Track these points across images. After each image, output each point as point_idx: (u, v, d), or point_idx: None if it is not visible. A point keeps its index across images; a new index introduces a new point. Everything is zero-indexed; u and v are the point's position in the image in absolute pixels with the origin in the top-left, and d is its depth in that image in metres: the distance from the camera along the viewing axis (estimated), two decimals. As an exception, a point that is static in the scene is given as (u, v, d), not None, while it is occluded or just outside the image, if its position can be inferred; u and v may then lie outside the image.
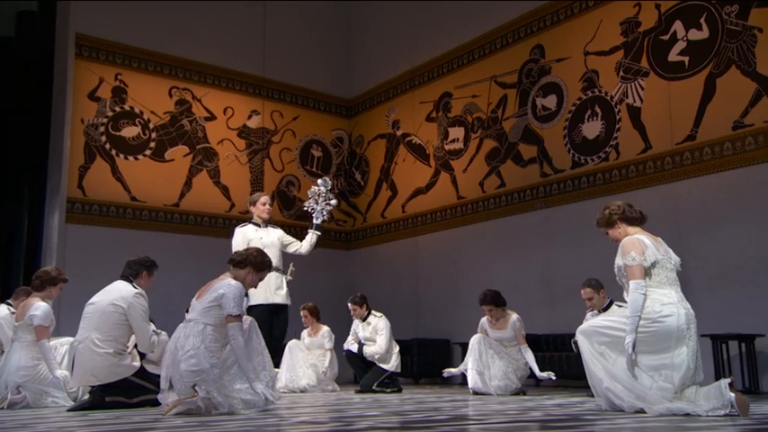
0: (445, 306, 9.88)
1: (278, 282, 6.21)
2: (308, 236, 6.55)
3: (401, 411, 3.89)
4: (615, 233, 4.11)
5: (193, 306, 4.18)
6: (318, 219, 6.54)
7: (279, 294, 6.15)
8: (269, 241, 6.21)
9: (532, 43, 9.47)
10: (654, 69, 8.08)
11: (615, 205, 4.15)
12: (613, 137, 8.38)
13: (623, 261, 3.83)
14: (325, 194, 6.52)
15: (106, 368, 4.34)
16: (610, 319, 3.87)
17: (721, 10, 7.53)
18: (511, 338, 6.35)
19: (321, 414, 3.77)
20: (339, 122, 12.46)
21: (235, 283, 4.16)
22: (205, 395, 3.80)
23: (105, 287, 4.68)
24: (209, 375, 3.86)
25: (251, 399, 3.93)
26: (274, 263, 5.89)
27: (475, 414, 3.67)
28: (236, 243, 6.10)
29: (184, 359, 3.91)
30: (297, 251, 6.48)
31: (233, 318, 4.04)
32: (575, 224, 8.60)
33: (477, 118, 10.10)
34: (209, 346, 3.97)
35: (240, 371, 3.97)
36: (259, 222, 6.40)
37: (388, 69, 11.65)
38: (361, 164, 12.20)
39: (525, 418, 3.47)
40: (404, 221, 11.07)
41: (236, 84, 11.47)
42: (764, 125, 7.09)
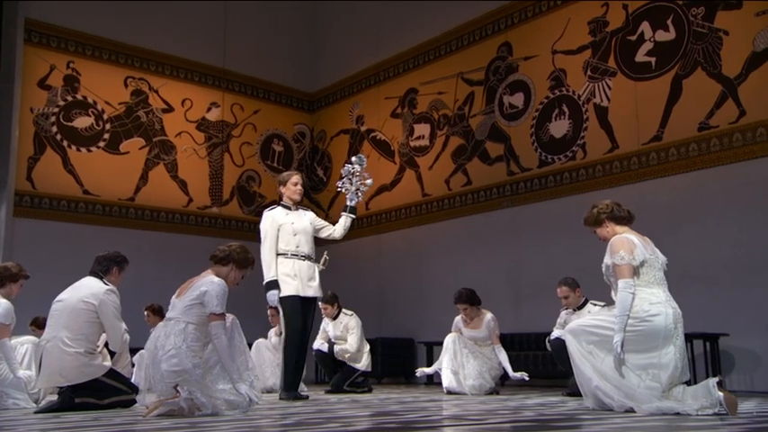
0: (410, 305, 9.90)
1: (310, 272, 5.59)
2: (342, 219, 5.91)
3: (390, 411, 3.88)
4: (603, 232, 4.17)
5: (174, 304, 4.09)
6: (353, 200, 5.90)
7: (311, 286, 5.56)
8: (301, 226, 5.66)
9: (500, 41, 9.56)
10: (621, 69, 8.24)
11: (603, 204, 4.21)
12: (580, 136, 8.52)
13: (612, 260, 3.88)
14: (360, 173, 5.89)
15: (76, 368, 4.21)
16: (598, 318, 3.92)
17: (688, 12, 7.73)
18: (485, 338, 6.39)
19: (311, 415, 3.72)
20: (301, 117, 12.37)
21: (218, 280, 4.09)
22: (187, 396, 3.73)
23: (74, 283, 4.54)
24: (191, 375, 3.79)
25: (234, 399, 3.87)
26: (306, 250, 5.60)
27: (468, 414, 3.67)
28: (264, 228, 5.60)
29: (165, 359, 3.83)
30: (330, 236, 5.88)
31: (216, 316, 3.96)
32: (542, 223, 8.72)
33: (443, 115, 10.15)
34: (190, 345, 3.89)
35: (223, 371, 3.91)
36: (289, 205, 5.76)
37: (353, 63, 11.61)
38: (323, 159, 12.14)
39: (521, 417, 3.49)
40: (367, 219, 11.05)
41: (194, 75, 11.28)
42: (729, 127, 7.29)
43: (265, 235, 5.58)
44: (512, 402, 4.79)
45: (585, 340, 3.81)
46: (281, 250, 5.54)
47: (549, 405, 4.43)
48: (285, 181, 5.82)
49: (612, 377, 3.66)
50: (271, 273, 5.46)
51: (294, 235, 5.56)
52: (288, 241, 5.55)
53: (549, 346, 6.00)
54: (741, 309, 6.90)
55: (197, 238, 10.78)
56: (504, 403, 4.68)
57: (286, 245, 5.53)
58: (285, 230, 5.56)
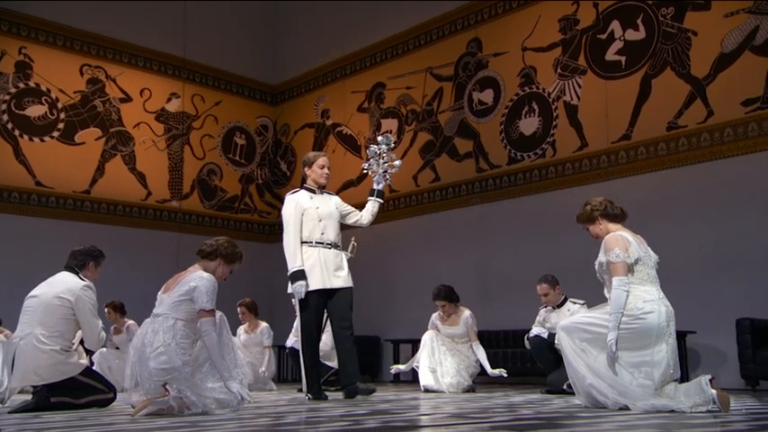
0: (376, 302, 9.87)
1: (337, 261, 5.18)
2: (369, 204, 5.51)
3: (384, 410, 3.86)
4: (596, 229, 4.22)
5: (161, 300, 4.01)
6: (380, 183, 5.51)
7: (338, 276, 5.13)
8: (326, 211, 5.23)
9: (469, 36, 9.61)
10: (591, 68, 8.37)
11: (596, 201, 4.26)
12: (550, 134, 8.63)
13: (607, 258, 3.93)
14: (387, 154, 5.51)
15: (51, 366, 4.09)
16: (591, 316, 3.97)
17: (657, 12, 7.89)
18: (462, 335, 6.42)
19: (310, 414, 3.68)
20: (264, 109, 12.23)
21: (207, 275, 4.02)
22: (177, 394, 3.66)
23: (48, 278, 4.40)
24: (180, 373, 3.72)
25: (224, 398, 3.81)
26: (332, 237, 5.19)
27: (467, 412, 3.68)
28: (287, 214, 5.16)
29: (153, 356, 3.75)
30: (357, 222, 5.48)
31: (206, 312, 3.89)
32: (511, 220, 8.81)
33: (411, 110, 10.16)
34: (179, 342, 3.82)
35: (212, 369, 3.85)
36: (314, 188, 5.32)
37: (318, 56, 11.52)
38: (286, 153, 12.03)
39: (522, 416, 3.50)
40: (333, 214, 10.98)
41: (154, 64, 11.04)
42: (697, 127, 7.48)
43: (288, 221, 5.13)
44: (498, 400, 4.82)
45: (579, 338, 3.86)
46: (304, 238, 5.10)
47: (537, 403, 4.47)
48: (311, 162, 5.36)
49: (606, 375, 3.72)
50: (296, 262, 5.02)
51: (319, 221, 5.16)
52: (312, 228, 5.13)
53: (528, 343, 6.06)
54: (708, 306, 7.09)
55: (156, 233, 10.58)
56: (491, 401, 4.71)
57: (310, 232, 5.12)
58: (309, 216, 5.13)
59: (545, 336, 5.93)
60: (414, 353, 9.13)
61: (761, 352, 6.24)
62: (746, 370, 6.36)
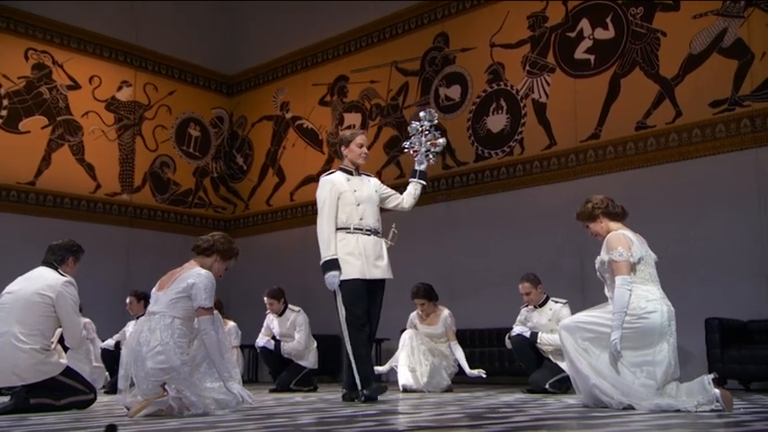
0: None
1: (377, 249, 4.77)
2: (410, 187, 5.13)
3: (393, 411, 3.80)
4: (597, 227, 4.22)
5: (157, 297, 3.90)
6: (422, 164, 5.12)
7: (379, 266, 4.73)
8: (365, 194, 4.84)
9: (436, 31, 9.58)
10: (560, 66, 8.44)
11: (598, 199, 4.26)
12: (518, 131, 8.67)
13: (609, 256, 3.94)
14: (430, 131, 5.09)
15: (31, 366, 3.91)
16: (593, 315, 3.97)
17: (627, 11, 8.01)
18: (441, 334, 6.39)
19: (307, 415, 3.59)
20: (220, 100, 11.95)
21: (205, 272, 3.91)
22: (176, 395, 3.57)
23: (25, 274, 4.16)
24: (179, 373, 3.62)
25: (223, 398, 3.74)
26: (372, 223, 4.79)
27: (481, 413, 3.64)
28: (322, 196, 4.79)
29: (151, 356, 3.64)
30: (398, 206, 5.08)
31: (205, 310, 3.80)
32: (477, 218, 8.81)
33: (375, 105, 10.08)
34: (177, 341, 3.72)
35: (210, 368, 3.78)
36: (351, 169, 4.94)
37: (277, 46, 11.31)
38: (243, 146, 11.79)
39: (538, 415, 3.48)
40: (292, 210, 10.83)
41: (104, 50, 10.66)
42: (666, 127, 7.62)
43: (323, 204, 4.76)
44: (491, 400, 4.80)
45: (581, 337, 3.86)
46: (341, 224, 4.73)
47: (534, 403, 4.46)
48: (348, 141, 4.95)
49: (609, 374, 3.72)
50: (330, 250, 4.66)
51: (357, 205, 4.77)
52: (350, 213, 4.75)
53: (510, 342, 6.06)
54: (676, 306, 7.15)
55: (105, 228, 10.21)
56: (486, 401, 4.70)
57: (348, 217, 4.73)
58: (346, 200, 4.74)
59: (527, 335, 5.94)
60: (377, 352, 9.08)
61: (728, 351, 6.38)
62: (715, 369, 6.49)
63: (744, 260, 6.90)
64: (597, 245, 7.70)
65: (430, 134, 5.13)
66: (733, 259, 6.96)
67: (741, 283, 6.86)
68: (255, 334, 7.35)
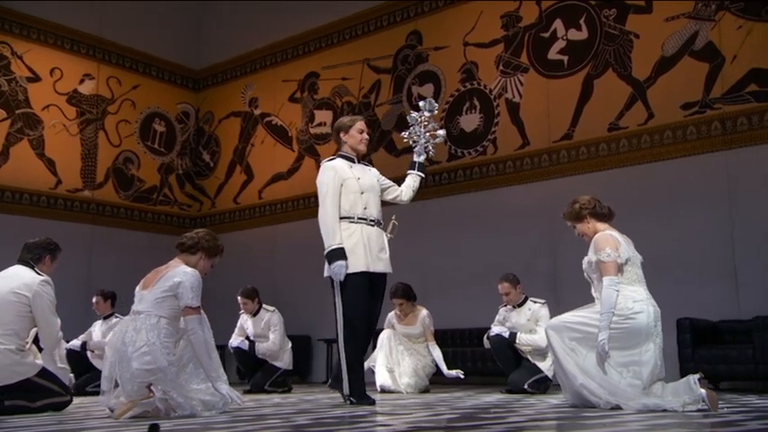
0: (307, 300, 9.68)
1: (380, 241, 4.63)
2: (408, 179, 4.96)
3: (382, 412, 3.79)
4: (584, 228, 4.26)
5: (142, 296, 3.84)
6: (421, 156, 4.98)
7: (381, 259, 4.59)
8: (368, 183, 4.66)
9: (409, 28, 9.59)
10: (534, 66, 8.53)
11: (585, 200, 4.30)
12: (491, 131, 8.73)
13: (597, 257, 3.98)
14: (429, 122, 4.96)
15: (6, 367, 3.82)
16: (580, 315, 4.02)
17: (600, 13, 8.12)
18: (419, 334, 6.39)
19: (300, 417, 3.56)
20: (186, 95, 11.78)
21: (191, 270, 3.86)
22: (162, 396, 3.51)
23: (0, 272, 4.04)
24: (166, 374, 3.58)
25: (210, 399, 3.70)
26: (375, 213, 4.64)
27: (474, 413, 3.64)
28: (324, 183, 4.59)
29: (136, 356, 3.59)
30: (397, 199, 4.91)
31: (192, 309, 3.77)
32: (450, 218, 8.84)
33: (347, 102, 10.05)
34: (164, 341, 3.67)
35: (197, 369, 3.73)
36: (353, 157, 4.76)
37: (246, 41, 11.20)
38: (210, 143, 11.64)
39: (526, 416, 3.49)
40: (260, 208, 10.74)
41: (65, 42, 10.42)
42: (638, 128, 7.74)
43: (326, 191, 4.57)
44: (474, 400, 4.82)
45: (568, 337, 3.90)
46: (344, 212, 4.56)
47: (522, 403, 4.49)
48: (347, 126, 4.79)
49: (596, 374, 3.77)
50: (336, 239, 4.50)
51: (361, 193, 4.59)
52: (353, 201, 4.57)
53: (488, 342, 6.09)
54: (648, 305, 7.35)
55: (66, 225, 9.98)
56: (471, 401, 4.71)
57: (351, 206, 4.56)
58: (349, 188, 4.57)
59: (506, 335, 5.98)
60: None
61: (699, 351, 6.51)
62: (686, 369, 6.62)
63: (714, 261, 7.05)
64: (570, 245, 7.83)
65: (429, 125, 5.01)
66: (704, 260, 7.11)
67: (711, 283, 7.01)
68: (222, 334, 7.26)
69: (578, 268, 7.57)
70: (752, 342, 6.26)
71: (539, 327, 5.89)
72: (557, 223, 7.99)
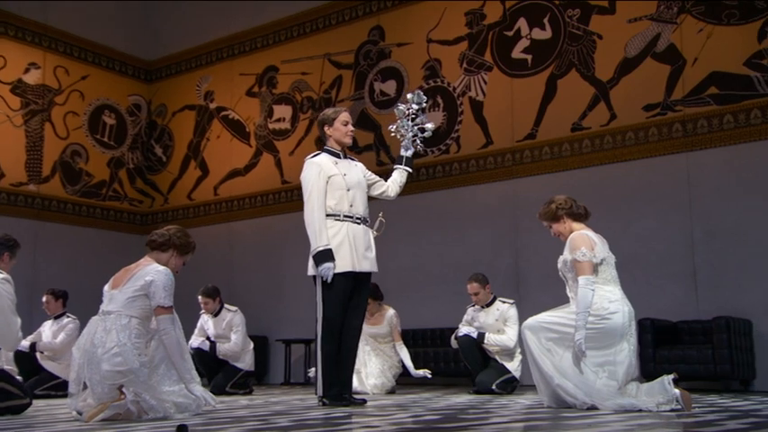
0: (264, 300, 9.65)
1: (366, 239, 4.58)
2: (395, 174, 4.89)
3: (360, 413, 3.80)
4: (560, 227, 4.34)
5: (112, 296, 3.78)
6: (408, 150, 4.90)
7: (367, 258, 4.56)
8: (355, 179, 4.61)
9: (371, 24, 9.61)
10: (497, 64, 8.64)
11: (561, 199, 4.38)
12: (455, 129, 8.82)
13: (573, 256, 4.06)
14: (417, 115, 4.91)
15: None
16: (557, 315, 4.09)
17: (564, 12, 8.28)
18: (386, 334, 6.42)
19: (278, 418, 3.55)
20: (137, 87, 11.57)
21: (163, 269, 3.81)
22: (134, 398, 3.47)
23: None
24: (138, 376, 3.53)
25: (183, 401, 3.66)
26: (362, 210, 4.59)
27: (454, 413, 3.68)
28: (309, 180, 4.51)
29: (107, 358, 3.53)
30: (383, 194, 4.84)
31: (164, 309, 3.72)
32: (412, 216, 8.89)
33: (307, 97, 10.02)
34: (135, 342, 3.62)
35: (169, 370, 3.68)
36: (338, 151, 4.70)
37: (202, 32, 11.06)
38: (163, 137, 11.47)
39: (507, 417, 3.55)
40: (216, 205, 10.63)
41: (9, 28, 10.13)
42: (600, 129, 7.92)
43: (311, 189, 4.49)
44: (445, 401, 4.87)
45: (545, 337, 3.97)
46: (330, 210, 4.50)
47: (489, 403, 4.55)
48: (331, 119, 4.71)
49: (572, 375, 3.86)
50: (323, 240, 4.41)
51: (347, 190, 4.54)
52: (339, 198, 4.52)
53: (456, 342, 6.16)
54: (610, 305, 7.53)
55: (9, 220, 9.69)
56: (438, 402, 4.74)
57: (337, 203, 4.50)
58: (335, 184, 4.52)
59: (474, 335, 6.06)
60: (307, 353, 9.05)
61: (660, 351, 6.71)
62: (647, 369, 6.81)
63: (674, 262, 7.27)
64: (531, 244, 7.99)
65: (418, 118, 4.96)
66: (664, 261, 7.31)
67: (671, 284, 7.22)
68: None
69: (540, 267, 7.79)
70: (711, 342, 6.48)
71: (507, 327, 5.99)
72: (519, 223, 8.20)
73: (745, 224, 6.97)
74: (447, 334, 7.99)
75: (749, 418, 3.38)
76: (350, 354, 4.59)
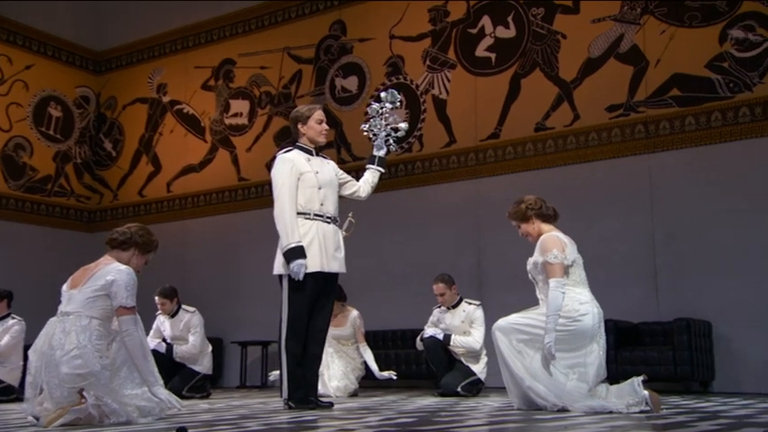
0: (219, 301, 9.56)
1: (336, 239, 4.62)
2: (367, 174, 4.92)
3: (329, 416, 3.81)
4: (528, 228, 4.41)
5: (70, 296, 3.72)
6: (381, 149, 4.92)
7: (337, 258, 4.59)
8: (327, 178, 4.63)
9: (332, 18, 9.61)
10: (461, 62, 8.73)
11: (531, 200, 4.45)
12: (418, 128, 8.87)
13: (544, 258, 4.14)
14: (391, 114, 4.93)
15: None
16: (528, 316, 4.17)
17: (528, 11, 8.40)
18: (349, 336, 6.44)
19: (248, 422, 3.55)
20: (85, 78, 11.36)
21: (125, 268, 3.77)
22: (95, 402, 3.43)
23: None
24: (99, 379, 3.49)
25: (146, 405, 3.63)
26: (332, 210, 4.63)
27: (427, 416, 3.71)
28: (281, 176, 4.51)
29: (66, 360, 3.48)
30: (354, 195, 4.87)
31: (126, 310, 3.69)
32: (373, 216, 8.89)
33: (265, 92, 9.97)
34: (95, 343, 3.58)
35: (131, 373, 3.65)
36: (310, 149, 4.72)
37: (155, 22, 10.92)
38: (112, 130, 11.28)
39: (481, 420, 3.60)
40: (169, 202, 10.50)
41: (-51, 14, 9.86)
42: (564, 129, 8.07)
43: (282, 185, 4.50)
44: (413, 404, 4.91)
45: (516, 339, 4.04)
46: (300, 208, 4.51)
47: (457, 406, 4.60)
48: (306, 116, 4.73)
49: (542, 377, 3.94)
50: (294, 237, 4.40)
51: (319, 189, 4.56)
52: (310, 197, 4.54)
53: (422, 344, 6.20)
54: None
55: (-52, 217, 9.47)
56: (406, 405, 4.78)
57: (307, 201, 4.52)
58: (307, 182, 4.53)
59: (440, 337, 6.11)
60: (264, 355, 9.01)
61: (621, 352, 6.86)
62: (609, 370, 6.94)
63: (635, 263, 7.45)
64: (494, 245, 8.10)
65: (391, 117, 4.98)
66: (626, 262, 7.48)
67: (632, 285, 7.39)
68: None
69: (503, 268, 7.91)
70: (672, 344, 6.66)
71: (473, 329, 6.07)
72: (482, 223, 8.30)
73: (705, 226, 7.17)
74: (408, 335, 8.07)
75: (719, 420, 3.50)
76: (316, 356, 4.61)
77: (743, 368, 6.86)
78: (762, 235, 6.90)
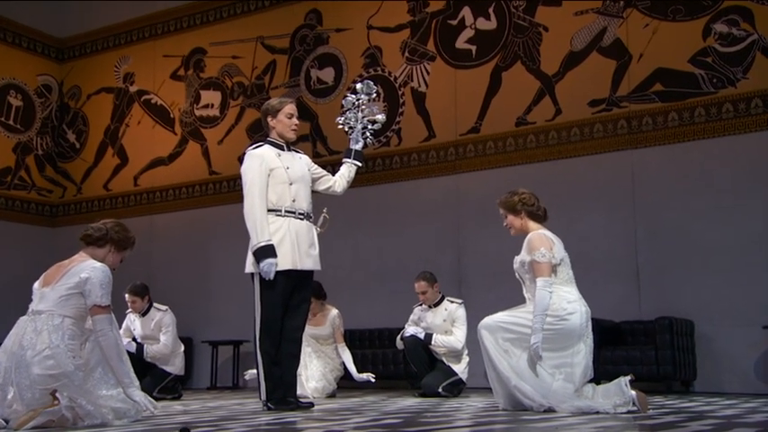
0: (189, 299, 9.49)
1: (310, 236, 4.64)
2: (343, 168, 4.93)
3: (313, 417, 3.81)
4: (514, 221, 4.45)
5: (42, 294, 3.70)
6: (357, 142, 4.95)
7: (311, 255, 4.60)
8: (298, 173, 4.64)
9: (308, 7, 9.60)
10: (441, 54, 8.76)
11: (527, 195, 4.48)
12: (396, 121, 8.89)
13: (532, 257, 4.18)
14: (368, 106, 4.96)
15: None
16: (515, 315, 4.21)
17: (509, 3, 8.45)
18: (328, 336, 6.44)
19: (230, 424, 3.55)
20: (47, 66, 11.22)
21: (100, 265, 3.75)
22: (68, 403, 3.41)
23: None
24: (72, 380, 3.47)
25: (121, 407, 3.62)
26: (305, 206, 4.64)
27: (413, 417, 3.73)
28: (250, 173, 4.51)
29: (37, 361, 3.46)
30: (329, 189, 4.89)
31: (101, 308, 3.67)
32: (350, 212, 8.91)
33: (238, 83, 9.92)
34: (68, 343, 3.56)
35: (105, 374, 3.63)
36: (281, 144, 4.71)
37: (122, 9, 10.81)
38: (76, 121, 11.16)
39: (469, 421, 3.63)
40: (136, 196, 10.42)
41: None
42: (546, 124, 8.14)
43: (252, 182, 4.50)
44: (395, 405, 4.94)
45: (502, 337, 4.08)
46: (271, 205, 4.52)
47: (441, 406, 4.63)
48: (275, 110, 4.71)
49: (529, 377, 3.99)
50: (264, 235, 4.42)
51: (290, 184, 4.56)
52: (281, 193, 4.54)
53: (403, 343, 6.23)
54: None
55: None
56: (388, 406, 4.80)
57: (278, 198, 4.53)
58: (278, 178, 4.54)
59: (421, 336, 6.14)
60: (235, 355, 8.99)
61: (603, 352, 6.94)
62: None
63: (617, 261, 7.54)
64: (474, 241, 8.14)
65: (367, 109, 5.00)
66: (608, 259, 7.57)
67: (614, 283, 7.49)
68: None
69: (483, 265, 7.97)
70: (654, 343, 6.76)
71: (455, 328, 6.11)
72: (462, 219, 8.35)
73: (687, 223, 7.28)
74: (386, 334, 8.09)
75: (708, 420, 3.57)
76: (293, 356, 4.62)
77: (725, 368, 6.98)
78: (745, 233, 7.02)
